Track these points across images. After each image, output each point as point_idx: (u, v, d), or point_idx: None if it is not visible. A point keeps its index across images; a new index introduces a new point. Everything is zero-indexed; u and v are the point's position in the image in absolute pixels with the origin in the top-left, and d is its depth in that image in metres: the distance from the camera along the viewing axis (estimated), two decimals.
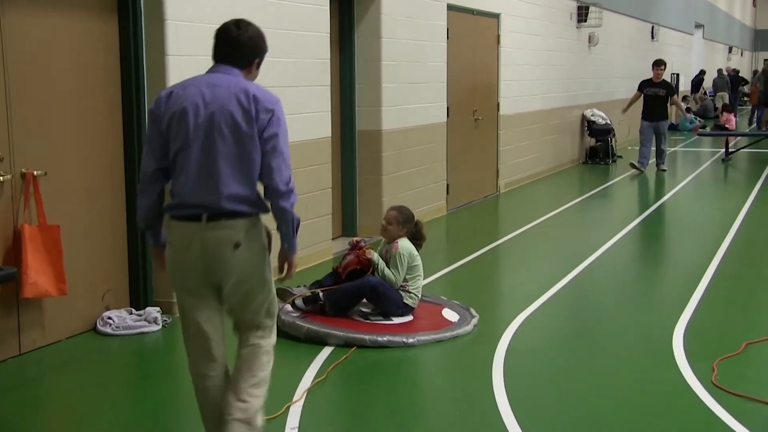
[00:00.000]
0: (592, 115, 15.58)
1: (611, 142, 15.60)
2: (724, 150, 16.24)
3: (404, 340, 5.23)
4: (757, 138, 18.04)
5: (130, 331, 5.45)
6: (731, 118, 21.64)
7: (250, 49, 3.45)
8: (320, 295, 5.61)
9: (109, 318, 5.50)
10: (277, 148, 3.32)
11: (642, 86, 14.28)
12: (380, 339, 5.20)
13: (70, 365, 4.99)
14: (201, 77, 3.43)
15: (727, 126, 21.04)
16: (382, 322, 5.52)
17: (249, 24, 3.48)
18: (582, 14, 14.96)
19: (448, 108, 10.04)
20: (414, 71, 9.12)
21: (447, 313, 5.76)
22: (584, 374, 4.87)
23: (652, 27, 20.78)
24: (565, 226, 9.74)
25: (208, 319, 3.47)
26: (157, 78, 5.65)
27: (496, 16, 11.47)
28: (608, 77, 17.23)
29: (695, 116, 23.79)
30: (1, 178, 4.84)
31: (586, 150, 15.77)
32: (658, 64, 14.24)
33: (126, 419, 4.25)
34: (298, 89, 6.92)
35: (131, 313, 5.63)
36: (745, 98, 30.12)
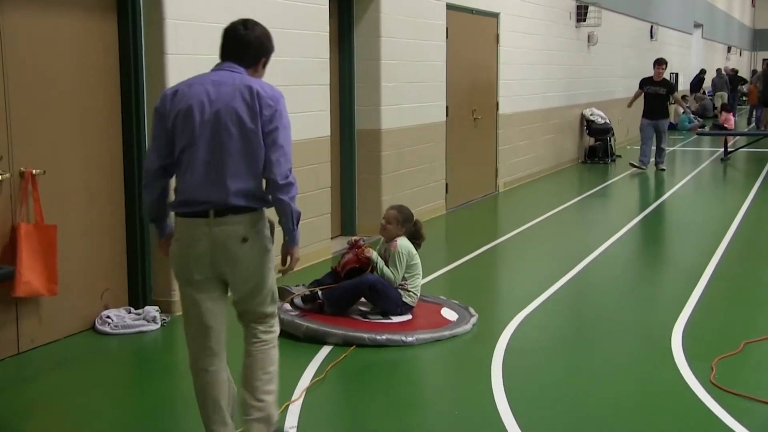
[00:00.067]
0: (591, 115, 15.59)
1: (610, 141, 15.60)
2: (723, 149, 16.26)
3: (403, 338, 5.23)
4: (756, 137, 18.05)
5: (129, 330, 5.45)
6: (730, 117, 21.65)
7: (257, 48, 3.53)
8: (319, 294, 5.61)
9: (108, 317, 5.50)
10: (277, 142, 3.38)
11: (642, 84, 14.32)
12: (379, 337, 5.20)
13: (69, 364, 4.99)
14: (206, 75, 3.49)
15: (725, 125, 21.06)
16: (381, 321, 5.52)
17: (256, 24, 3.56)
18: (581, 14, 14.96)
19: (447, 107, 10.04)
20: (413, 70, 9.12)
21: (446, 313, 5.76)
22: (583, 373, 4.87)
23: (651, 26, 20.79)
24: (564, 225, 9.74)
25: (212, 312, 3.52)
26: (156, 77, 5.65)
27: (496, 15, 11.47)
28: (607, 77, 17.24)
29: (694, 116, 23.81)
30: (0, 177, 4.84)
31: (585, 149, 15.77)
32: (659, 63, 14.26)
33: (125, 418, 4.24)
34: (297, 88, 6.92)
35: (130, 312, 5.63)
36: (744, 98, 30.13)
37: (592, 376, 4.82)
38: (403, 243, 5.71)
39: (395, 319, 5.57)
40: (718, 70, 28.49)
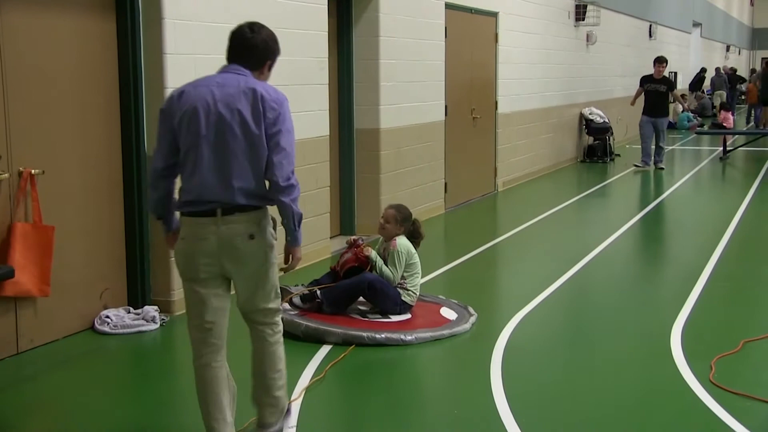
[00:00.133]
0: (590, 114, 15.59)
1: (609, 140, 15.60)
2: (721, 148, 16.26)
3: (402, 337, 5.23)
4: (755, 136, 18.06)
5: (128, 330, 5.45)
6: (729, 116, 21.66)
7: (262, 51, 3.60)
8: (317, 293, 5.61)
9: (107, 317, 5.49)
10: (280, 144, 3.46)
11: (643, 82, 14.37)
12: (378, 336, 5.20)
13: (68, 364, 4.99)
14: (211, 77, 3.57)
15: (724, 124, 21.07)
16: (380, 320, 5.51)
17: (263, 27, 3.63)
18: (580, 13, 14.97)
19: (446, 106, 10.04)
20: (412, 70, 9.12)
21: (445, 312, 5.76)
22: (582, 372, 4.87)
23: (650, 25, 20.79)
24: (563, 224, 9.74)
25: (216, 308, 3.58)
26: (155, 77, 5.65)
27: (494, 14, 11.47)
28: (606, 76, 17.24)
29: (693, 115, 23.82)
30: None
31: (584, 148, 15.77)
32: (660, 61, 14.30)
33: (124, 418, 4.24)
34: (296, 88, 6.91)
35: (129, 312, 5.63)
36: (743, 96, 30.14)
37: (592, 375, 4.82)
38: (403, 242, 5.71)
39: (394, 318, 5.56)
40: (717, 69, 28.51)
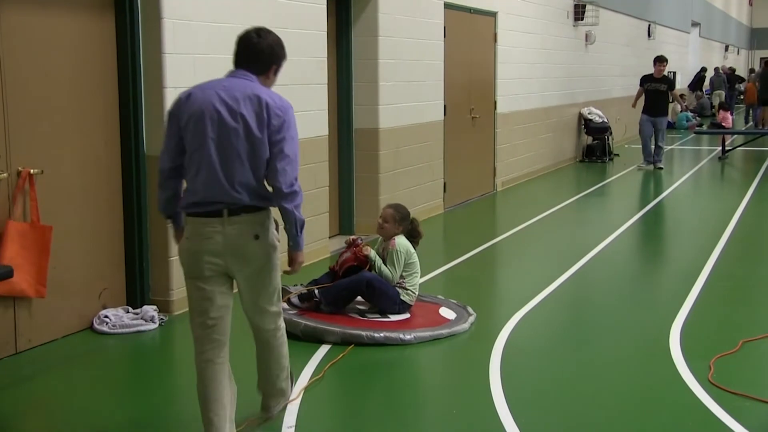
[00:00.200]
0: (589, 113, 15.60)
1: (608, 140, 15.60)
2: (720, 148, 16.27)
3: (401, 336, 5.23)
4: (754, 136, 18.07)
5: (127, 330, 5.45)
6: (728, 116, 21.68)
7: (268, 56, 3.67)
8: (315, 292, 5.61)
9: (106, 316, 5.49)
10: (284, 151, 3.52)
11: (643, 81, 14.39)
12: (377, 335, 5.20)
13: (66, 364, 4.99)
14: (218, 80, 3.63)
15: (723, 124, 21.08)
16: (379, 320, 5.51)
17: (269, 32, 3.71)
18: (579, 12, 14.97)
19: (445, 106, 10.04)
20: (411, 69, 9.12)
21: (444, 312, 5.76)
22: (581, 372, 4.87)
23: (649, 25, 20.79)
24: (561, 224, 9.74)
25: (220, 305, 3.63)
26: (154, 76, 5.65)
27: (493, 14, 11.47)
28: (605, 75, 17.24)
29: (692, 114, 23.83)
30: None
31: (583, 148, 15.78)
32: (660, 61, 14.32)
33: (123, 418, 4.24)
34: (294, 87, 6.91)
35: (128, 312, 5.63)
36: (741, 96, 30.16)
37: (590, 375, 4.82)
38: (402, 242, 5.71)
39: (393, 317, 5.56)
40: (716, 69, 28.52)
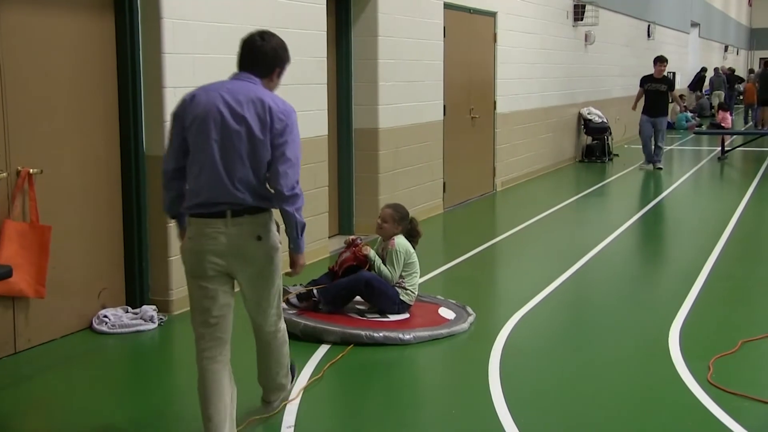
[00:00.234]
0: (588, 114, 15.60)
1: (607, 140, 15.61)
2: (720, 148, 16.27)
3: (401, 336, 5.23)
4: (753, 136, 18.07)
5: (126, 330, 5.45)
6: (727, 116, 21.68)
7: (272, 59, 3.69)
8: (314, 292, 5.61)
9: (105, 316, 5.49)
10: (286, 155, 3.54)
11: (643, 82, 14.40)
12: (377, 335, 5.20)
13: (66, 364, 4.98)
14: (222, 83, 3.66)
15: (722, 124, 21.08)
16: (378, 319, 5.51)
17: (273, 35, 3.73)
18: (578, 13, 14.97)
19: (444, 106, 10.04)
20: (411, 69, 9.12)
21: (443, 312, 5.76)
22: (580, 372, 4.87)
23: (649, 25, 20.80)
24: (561, 224, 9.74)
25: (223, 304, 3.66)
26: (153, 76, 5.64)
27: (493, 14, 11.47)
28: (605, 76, 17.25)
29: (692, 114, 23.83)
30: None
31: (583, 148, 15.78)
32: (661, 61, 14.33)
33: (122, 418, 4.24)
34: (294, 87, 6.91)
35: (127, 312, 5.63)
36: (741, 96, 30.17)
37: (590, 375, 4.82)
38: (401, 241, 5.71)
39: (393, 317, 5.56)
40: (716, 69, 28.53)
